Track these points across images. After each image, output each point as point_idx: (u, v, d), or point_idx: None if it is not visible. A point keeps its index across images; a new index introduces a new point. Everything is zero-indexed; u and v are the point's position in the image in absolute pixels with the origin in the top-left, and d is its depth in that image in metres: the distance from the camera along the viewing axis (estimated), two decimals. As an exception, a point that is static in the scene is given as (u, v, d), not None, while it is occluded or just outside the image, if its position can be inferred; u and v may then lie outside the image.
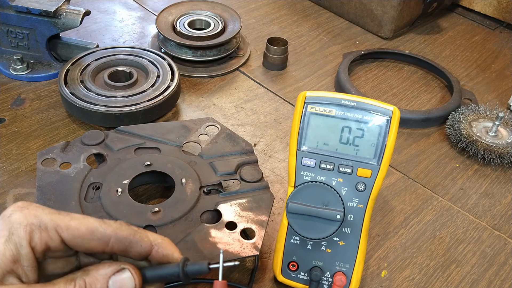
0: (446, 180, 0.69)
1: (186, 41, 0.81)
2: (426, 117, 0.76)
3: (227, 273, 0.53)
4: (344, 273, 0.49)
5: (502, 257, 0.59)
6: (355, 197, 0.47)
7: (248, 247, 0.50)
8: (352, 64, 0.86)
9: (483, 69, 0.92)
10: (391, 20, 0.93)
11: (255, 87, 0.82)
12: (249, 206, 0.54)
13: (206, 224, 0.52)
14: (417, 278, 0.56)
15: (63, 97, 0.69)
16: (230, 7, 0.89)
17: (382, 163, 0.46)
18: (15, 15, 0.73)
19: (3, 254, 0.33)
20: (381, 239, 0.60)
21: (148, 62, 0.76)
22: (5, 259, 0.33)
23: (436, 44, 0.97)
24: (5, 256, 0.33)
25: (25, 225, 0.34)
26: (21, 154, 0.65)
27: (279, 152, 0.70)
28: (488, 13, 1.05)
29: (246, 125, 0.74)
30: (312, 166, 0.47)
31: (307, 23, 0.99)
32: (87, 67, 0.74)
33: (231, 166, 0.59)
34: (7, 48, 0.78)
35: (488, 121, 0.75)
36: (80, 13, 0.73)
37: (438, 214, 0.64)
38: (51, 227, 0.35)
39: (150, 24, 0.93)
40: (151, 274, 0.37)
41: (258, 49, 0.90)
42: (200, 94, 0.79)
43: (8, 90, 0.75)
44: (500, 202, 0.67)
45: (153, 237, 0.37)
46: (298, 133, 0.47)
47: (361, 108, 0.45)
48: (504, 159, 0.70)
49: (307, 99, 0.46)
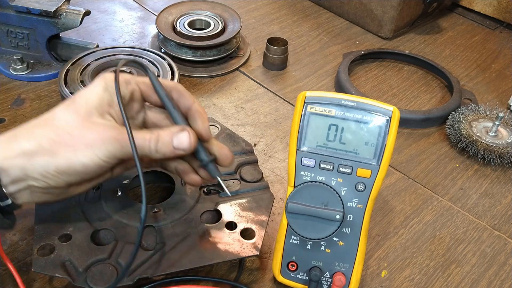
0: (446, 180, 0.69)
1: (186, 41, 0.81)
2: (426, 117, 0.76)
3: (227, 273, 0.53)
4: (343, 273, 0.49)
5: (502, 257, 0.59)
6: (354, 197, 0.47)
7: (248, 247, 0.50)
8: (352, 64, 0.86)
9: (483, 69, 0.92)
10: (391, 20, 0.93)
11: (255, 87, 0.82)
12: (249, 206, 0.54)
13: (206, 224, 0.52)
14: (417, 278, 0.56)
15: (63, 97, 0.69)
16: (230, 7, 0.89)
17: (381, 163, 0.46)
18: (15, 15, 0.73)
19: (102, 98, 0.45)
20: (381, 239, 0.60)
21: (148, 62, 0.76)
22: (104, 102, 0.45)
23: (436, 44, 0.97)
24: (104, 100, 0.45)
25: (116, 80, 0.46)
26: (21, 154, 0.65)
27: (279, 152, 0.70)
28: (488, 13, 1.05)
29: (246, 125, 0.74)
30: (312, 166, 0.47)
31: (307, 23, 0.99)
32: (87, 67, 0.74)
33: (231, 166, 0.59)
34: (7, 48, 0.78)
35: (488, 121, 0.75)
36: (80, 13, 0.73)
37: (438, 214, 0.64)
38: (133, 81, 0.48)
39: (150, 24, 0.93)
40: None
41: (258, 49, 0.90)
42: (200, 94, 0.79)
43: (8, 90, 0.75)
44: (500, 202, 0.67)
45: (194, 98, 0.50)
46: (298, 133, 0.47)
47: (361, 108, 0.45)
48: (504, 159, 0.70)
49: (307, 99, 0.46)
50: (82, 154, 0.43)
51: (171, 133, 0.47)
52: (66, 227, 0.49)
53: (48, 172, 0.43)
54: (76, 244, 0.48)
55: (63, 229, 0.49)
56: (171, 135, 0.47)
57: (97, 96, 0.45)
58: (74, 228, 0.49)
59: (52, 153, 0.43)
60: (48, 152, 0.43)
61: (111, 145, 0.44)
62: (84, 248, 0.48)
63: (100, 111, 0.45)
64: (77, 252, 0.47)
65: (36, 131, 0.44)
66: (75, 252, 0.47)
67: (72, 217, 0.50)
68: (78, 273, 0.46)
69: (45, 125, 0.44)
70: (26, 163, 0.43)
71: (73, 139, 0.43)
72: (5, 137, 0.44)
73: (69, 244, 0.48)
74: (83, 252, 0.47)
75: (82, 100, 0.45)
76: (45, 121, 0.45)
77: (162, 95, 0.48)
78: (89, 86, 0.46)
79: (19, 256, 0.52)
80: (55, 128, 0.44)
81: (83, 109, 0.44)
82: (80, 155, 0.43)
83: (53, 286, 0.50)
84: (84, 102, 0.45)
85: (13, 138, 0.44)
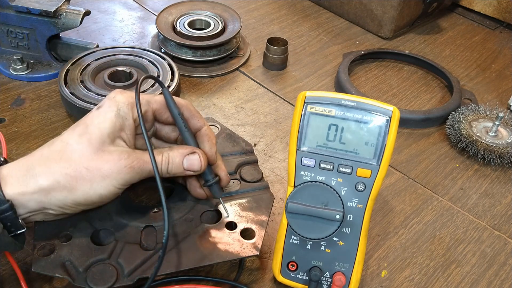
0: (446, 180, 0.69)
1: (186, 41, 0.81)
2: (426, 117, 0.76)
3: (227, 273, 0.53)
4: (343, 273, 0.49)
5: (502, 257, 0.59)
6: (354, 197, 0.47)
7: (248, 247, 0.50)
8: (352, 64, 0.86)
9: (483, 69, 0.92)
10: (391, 20, 0.93)
11: (255, 87, 0.82)
12: (249, 206, 0.54)
13: (206, 224, 0.52)
14: (417, 278, 0.56)
15: (63, 97, 0.69)
16: (230, 7, 0.89)
17: (381, 163, 0.46)
18: (15, 15, 0.73)
19: (114, 124, 0.46)
20: (381, 239, 0.60)
21: (148, 62, 0.76)
22: (116, 128, 0.46)
23: (436, 44, 0.97)
24: (116, 125, 0.46)
25: (127, 103, 0.47)
26: (21, 154, 0.64)
27: (279, 152, 0.70)
28: (488, 13, 1.05)
29: (246, 125, 0.74)
30: (312, 166, 0.47)
31: (307, 23, 0.99)
32: (87, 67, 0.74)
33: (231, 166, 0.59)
34: (7, 48, 0.78)
35: (488, 121, 0.75)
36: (80, 13, 0.73)
37: (438, 214, 0.64)
38: (145, 102, 0.49)
39: (150, 24, 0.93)
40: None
41: (258, 49, 0.90)
42: (200, 94, 0.79)
43: (8, 90, 0.75)
44: (500, 202, 0.67)
45: (205, 121, 0.52)
46: (298, 133, 0.47)
47: (360, 108, 0.45)
48: (504, 159, 0.70)
49: (307, 99, 0.46)
50: (99, 185, 0.45)
51: (181, 154, 0.49)
52: (66, 227, 0.49)
53: (65, 204, 0.45)
54: (76, 244, 0.48)
55: (63, 229, 0.49)
56: (181, 157, 0.49)
57: (109, 122, 0.46)
58: (74, 228, 0.49)
59: (70, 188, 0.44)
60: (65, 188, 0.44)
61: (127, 174, 0.45)
62: (84, 248, 0.48)
63: (112, 137, 0.46)
64: (77, 252, 0.47)
65: (52, 166, 0.44)
66: (75, 252, 0.47)
67: (72, 217, 0.50)
68: (78, 273, 0.45)
69: (60, 159, 0.45)
70: (43, 198, 0.44)
71: (90, 172, 0.44)
72: (20, 171, 0.44)
73: (69, 244, 0.48)
74: (83, 252, 0.47)
75: (95, 129, 0.45)
76: (59, 153, 0.45)
77: (175, 113, 0.50)
78: (100, 110, 0.47)
79: (19, 256, 0.52)
80: (71, 163, 0.44)
81: (96, 138, 0.45)
82: (97, 187, 0.45)
83: (53, 286, 0.50)
84: (97, 130, 0.45)
85: (28, 173, 0.44)
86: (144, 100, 0.49)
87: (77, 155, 0.44)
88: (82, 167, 0.44)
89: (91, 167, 0.44)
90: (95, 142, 0.45)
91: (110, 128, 0.46)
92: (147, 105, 0.49)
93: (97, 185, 0.44)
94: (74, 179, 0.44)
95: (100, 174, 0.44)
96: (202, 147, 0.51)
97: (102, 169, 0.44)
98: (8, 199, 0.43)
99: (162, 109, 0.50)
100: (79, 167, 0.44)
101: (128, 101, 0.47)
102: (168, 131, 0.53)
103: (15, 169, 0.44)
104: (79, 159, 0.44)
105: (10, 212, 0.43)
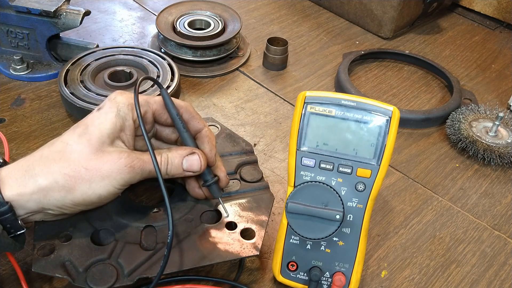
0: (446, 180, 0.69)
1: (186, 41, 0.81)
2: (426, 117, 0.76)
3: (227, 273, 0.53)
4: (343, 273, 0.49)
5: (502, 257, 0.59)
6: (354, 197, 0.47)
7: (248, 247, 0.50)
8: (352, 64, 0.86)
9: (483, 69, 0.92)
10: (391, 20, 0.93)
11: (255, 87, 0.82)
12: (249, 206, 0.54)
13: (206, 224, 0.52)
14: (417, 278, 0.56)
15: (63, 97, 0.69)
16: (230, 7, 0.89)
17: (381, 163, 0.46)
18: (15, 15, 0.73)
19: (114, 124, 0.46)
20: (381, 239, 0.60)
21: (148, 62, 0.76)
22: (116, 128, 0.46)
23: (436, 44, 0.97)
24: (116, 126, 0.46)
25: (127, 104, 0.47)
26: (21, 154, 0.65)
27: (279, 152, 0.70)
28: (488, 13, 1.05)
29: (246, 125, 0.74)
30: (312, 166, 0.47)
31: (307, 23, 0.99)
32: (87, 67, 0.74)
33: (231, 166, 0.59)
34: (7, 48, 0.78)
35: (488, 121, 0.75)
36: (80, 13, 0.73)
37: (438, 214, 0.64)
38: (145, 103, 0.49)
39: (150, 24, 0.93)
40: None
41: (258, 49, 0.90)
42: (200, 94, 0.79)
43: (8, 90, 0.75)
44: (500, 202, 0.67)
45: (205, 123, 0.52)
46: (298, 133, 0.47)
47: (360, 108, 0.45)
48: (504, 159, 0.70)
49: (307, 99, 0.46)
50: (98, 186, 0.45)
51: (180, 156, 0.49)
52: (66, 227, 0.49)
53: (64, 204, 0.45)
54: (76, 244, 0.48)
55: (63, 229, 0.49)
56: (180, 158, 0.49)
57: (110, 123, 0.46)
58: (74, 228, 0.49)
59: (68, 188, 0.44)
60: (64, 188, 0.44)
61: (127, 174, 0.45)
62: (84, 248, 0.48)
63: (111, 138, 0.46)
64: (77, 252, 0.47)
65: (51, 166, 0.44)
66: (75, 252, 0.47)
67: (72, 217, 0.50)
68: (78, 273, 0.45)
69: (59, 159, 0.45)
70: (42, 199, 0.44)
71: (89, 172, 0.44)
72: (20, 172, 0.44)
73: (69, 244, 0.48)
74: (83, 252, 0.47)
75: (95, 129, 0.45)
76: (59, 154, 0.45)
77: (173, 114, 0.50)
78: (101, 111, 0.47)
79: (19, 256, 0.52)
80: (70, 163, 0.44)
81: (96, 138, 0.45)
82: (95, 187, 0.45)
83: (53, 286, 0.50)
84: (97, 131, 0.45)
85: (28, 173, 0.44)
86: (143, 101, 0.49)
87: (76, 155, 0.44)
88: (81, 167, 0.44)
89: (90, 167, 0.44)
90: (95, 142, 0.45)
91: (110, 128, 0.46)
92: (146, 105, 0.49)
93: (96, 185, 0.44)
94: (72, 179, 0.44)
95: (99, 174, 0.44)
96: (202, 148, 0.51)
97: (102, 169, 0.44)
98: (7, 201, 0.43)
99: (162, 110, 0.51)
100: (78, 167, 0.44)
101: (128, 101, 0.47)
102: (168, 132, 0.53)
103: (14, 170, 0.44)
104: (78, 159, 0.44)
105: (9, 214, 0.43)
